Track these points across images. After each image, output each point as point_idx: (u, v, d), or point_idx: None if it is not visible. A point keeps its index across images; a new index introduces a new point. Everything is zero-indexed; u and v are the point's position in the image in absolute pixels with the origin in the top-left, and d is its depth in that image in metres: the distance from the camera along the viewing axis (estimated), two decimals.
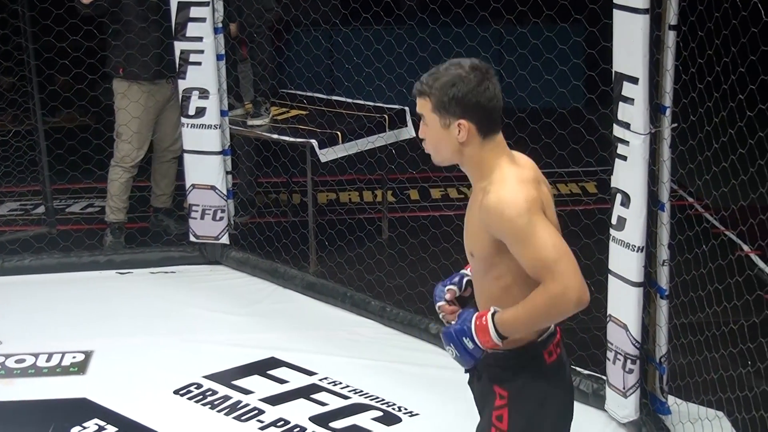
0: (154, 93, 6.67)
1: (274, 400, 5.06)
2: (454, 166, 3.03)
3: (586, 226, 5.43)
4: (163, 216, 7.09)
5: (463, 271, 3.23)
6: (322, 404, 5.00)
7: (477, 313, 2.94)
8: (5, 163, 7.32)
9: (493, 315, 2.90)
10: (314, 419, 4.87)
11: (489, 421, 3.04)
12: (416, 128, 3.12)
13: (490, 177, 2.91)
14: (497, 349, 2.94)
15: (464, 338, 2.92)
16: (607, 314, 4.60)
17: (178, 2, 6.21)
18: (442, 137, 2.92)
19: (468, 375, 3.15)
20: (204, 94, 6.33)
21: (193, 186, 6.52)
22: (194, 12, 6.21)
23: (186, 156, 6.50)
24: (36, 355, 5.50)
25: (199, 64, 6.29)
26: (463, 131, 2.89)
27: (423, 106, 2.94)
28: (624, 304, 4.47)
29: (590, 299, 2.88)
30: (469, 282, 3.18)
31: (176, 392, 5.14)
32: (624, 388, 4.55)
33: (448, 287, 3.19)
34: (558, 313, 2.87)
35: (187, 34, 6.26)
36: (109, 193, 6.81)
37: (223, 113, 6.43)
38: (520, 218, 2.80)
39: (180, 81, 6.37)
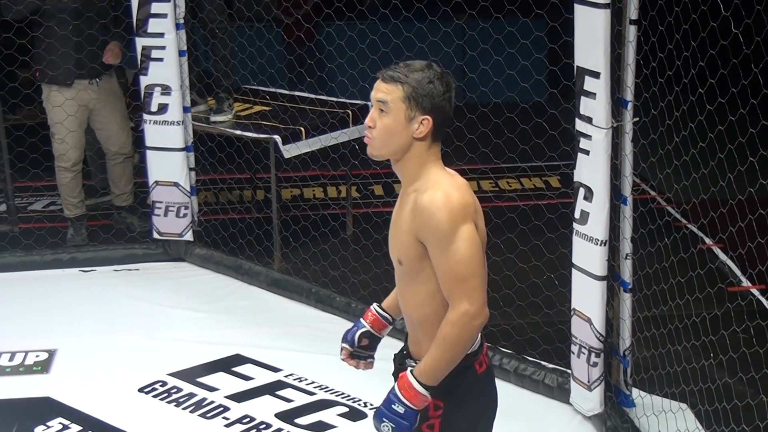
0: (74, 95, 6.61)
1: (239, 397, 5.05)
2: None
3: (549, 221, 5.46)
4: (126, 213, 7.06)
5: (360, 322, 3.35)
6: (288, 401, 5.00)
7: (397, 380, 2.97)
8: None
9: (411, 372, 2.93)
10: (280, 416, 4.87)
11: (419, 429, 3.02)
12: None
13: (425, 178, 2.93)
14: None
15: (393, 405, 2.94)
16: (571, 308, 4.63)
17: None
18: (400, 128, 2.91)
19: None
20: (166, 90, 6.31)
21: (156, 183, 6.50)
22: (155, 8, 6.18)
23: (149, 153, 6.47)
24: None
25: (161, 60, 6.27)
26: (423, 127, 2.90)
27: (391, 92, 2.91)
28: (588, 297, 4.49)
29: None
30: (364, 334, 3.32)
31: (141, 390, 5.12)
32: (588, 382, 4.57)
33: (342, 346, 3.34)
34: (467, 335, 2.89)
35: (149, 30, 6.23)
36: (60, 193, 6.83)
37: (185, 109, 6.40)
38: (449, 223, 2.83)
39: (142, 77, 6.35)
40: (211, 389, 5.12)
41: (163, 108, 6.35)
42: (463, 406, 3.01)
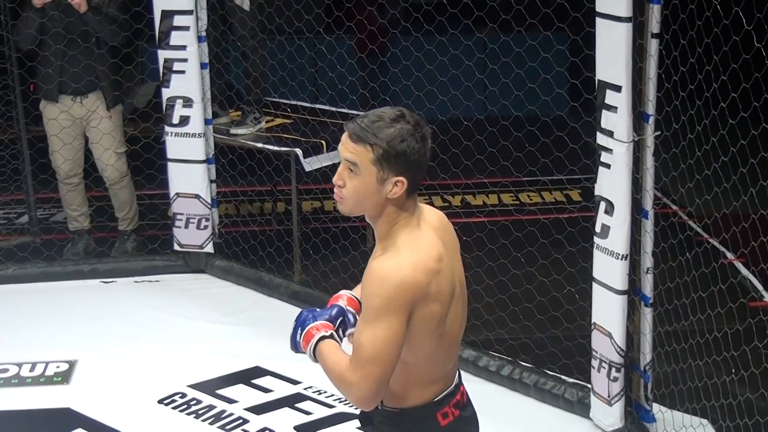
0: (60, 109, 6.61)
1: (258, 409, 5.05)
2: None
3: (570, 234, 5.44)
4: (125, 238, 6.97)
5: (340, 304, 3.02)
6: (307, 413, 5.00)
7: (315, 324, 2.86)
8: None
9: (320, 339, 2.80)
10: (299, 428, 4.87)
11: None
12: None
13: (392, 239, 2.73)
14: (390, 407, 2.83)
15: (299, 330, 2.85)
16: (592, 322, 4.61)
17: (162, 11, 6.21)
18: (372, 191, 2.71)
19: (361, 424, 3.00)
20: (188, 102, 6.33)
21: (177, 195, 6.51)
22: (178, 21, 6.20)
23: (170, 165, 6.49)
24: (19, 365, 5.48)
25: (182, 72, 6.29)
26: (398, 189, 2.69)
27: (361, 154, 2.68)
28: (608, 312, 4.48)
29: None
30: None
31: (160, 402, 5.13)
32: (609, 396, 4.56)
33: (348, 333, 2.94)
34: (342, 390, 2.76)
35: (171, 43, 6.25)
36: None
37: (207, 122, 6.42)
38: (380, 303, 2.64)
39: (164, 89, 6.37)
40: (231, 401, 5.12)
41: (184, 120, 6.37)
42: None
